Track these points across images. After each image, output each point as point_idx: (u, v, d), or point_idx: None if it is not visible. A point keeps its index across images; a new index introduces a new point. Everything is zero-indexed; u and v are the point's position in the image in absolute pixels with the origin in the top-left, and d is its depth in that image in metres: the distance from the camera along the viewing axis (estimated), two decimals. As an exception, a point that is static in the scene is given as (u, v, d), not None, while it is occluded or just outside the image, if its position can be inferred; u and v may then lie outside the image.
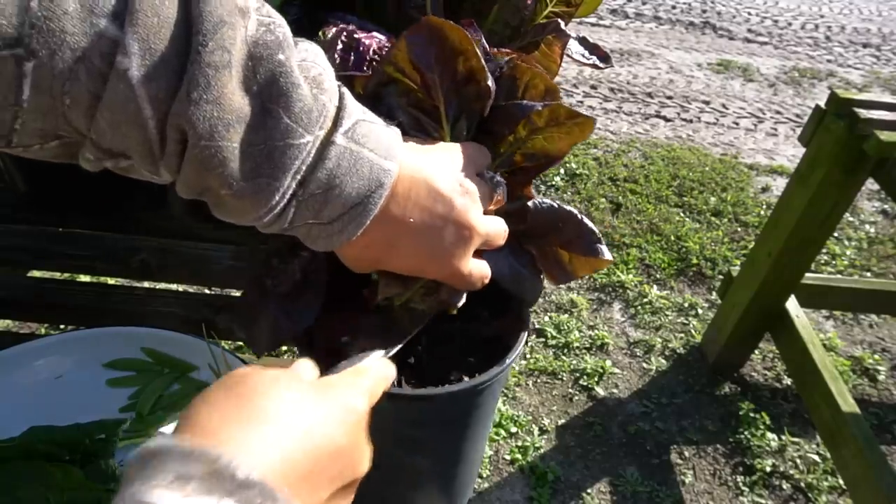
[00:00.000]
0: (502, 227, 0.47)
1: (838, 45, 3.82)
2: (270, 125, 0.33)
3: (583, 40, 0.59)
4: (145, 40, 0.29)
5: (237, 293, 1.22)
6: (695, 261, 1.92)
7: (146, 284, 1.16)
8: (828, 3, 4.48)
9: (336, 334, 0.49)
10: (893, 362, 1.68)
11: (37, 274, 1.18)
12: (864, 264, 2.02)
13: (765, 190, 2.35)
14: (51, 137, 0.32)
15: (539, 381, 1.51)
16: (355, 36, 0.46)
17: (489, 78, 0.44)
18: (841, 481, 1.28)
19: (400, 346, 0.47)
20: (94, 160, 0.34)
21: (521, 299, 0.58)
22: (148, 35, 0.29)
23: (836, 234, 2.13)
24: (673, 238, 2.01)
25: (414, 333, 0.48)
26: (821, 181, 1.21)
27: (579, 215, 0.54)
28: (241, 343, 1.13)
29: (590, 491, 1.28)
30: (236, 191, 0.34)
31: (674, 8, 4.11)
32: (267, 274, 0.50)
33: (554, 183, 2.23)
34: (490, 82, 0.45)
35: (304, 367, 0.35)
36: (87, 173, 0.42)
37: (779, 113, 2.94)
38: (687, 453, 1.38)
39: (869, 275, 1.98)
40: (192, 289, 1.47)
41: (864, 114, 1.11)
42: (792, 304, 1.43)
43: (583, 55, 0.59)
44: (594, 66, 0.59)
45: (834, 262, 2.02)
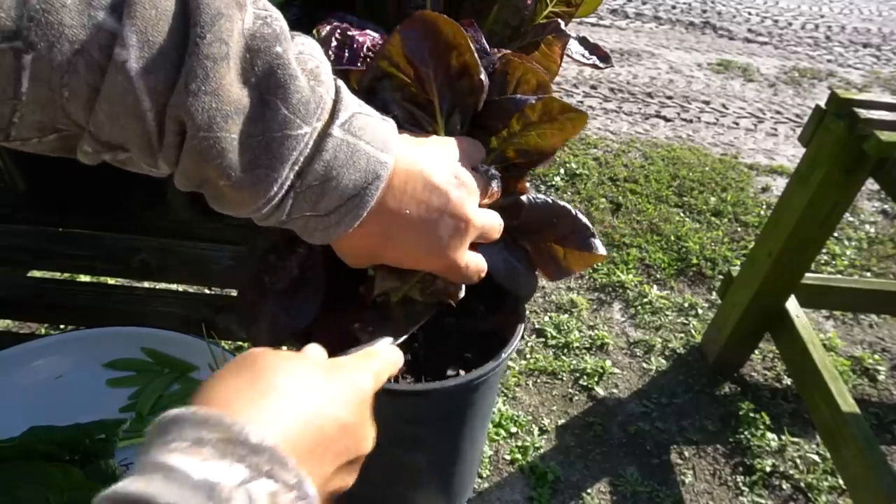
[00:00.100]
0: (497, 220, 0.47)
1: (838, 45, 3.82)
2: (268, 116, 0.34)
3: (583, 40, 0.59)
4: (143, 32, 0.30)
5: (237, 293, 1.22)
6: (695, 261, 1.92)
7: (146, 284, 1.16)
8: (828, 3, 4.48)
9: (334, 332, 0.49)
10: (893, 362, 1.68)
11: (37, 274, 1.18)
12: (864, 264, 2.02)
13: (765, 190, 2.35)
14: (49, 130, 0.32)
15: (539, 381, 1.51)
16: (349, 33, 0.47)
17: (482, 72, 0.45)
18: (841, 481, 1.28)
19: (408, 334, 0.47)
20: (93, 153, 0.34)
21: (516, 295, 0.58)
22: (146, 27, 0.30)
23: (836, 234, 2.12)
24: (673, 238, 2.01)
25: (422, 323, 0.49)
26: (821, 181, 1.21)
27: (573, 210, 0.54)
28: (241, 343, 1.13)
29: (590, 491, 1.28)
30: (235, 182, 0.34)
31: (674, 8, 4.12)
32: (265, 271, 0.50)
33: (554, 183, 2.23)
34: (483, 76, 0.45)
35: (314, 350, 0.37)
36: (86, 171, 0.42)
37: (779, 113, 2.94)
38: (687, 453, 1.38)
39: (869, 275, 1.98)
40: (192, 289, 1.47)
41: (864, 114, 1.11)
42: (792, 304, 1.43)
43: (583, 55, 0.59)
44: (594, 66, 0.59)
45: (834, 262, 2.02)
